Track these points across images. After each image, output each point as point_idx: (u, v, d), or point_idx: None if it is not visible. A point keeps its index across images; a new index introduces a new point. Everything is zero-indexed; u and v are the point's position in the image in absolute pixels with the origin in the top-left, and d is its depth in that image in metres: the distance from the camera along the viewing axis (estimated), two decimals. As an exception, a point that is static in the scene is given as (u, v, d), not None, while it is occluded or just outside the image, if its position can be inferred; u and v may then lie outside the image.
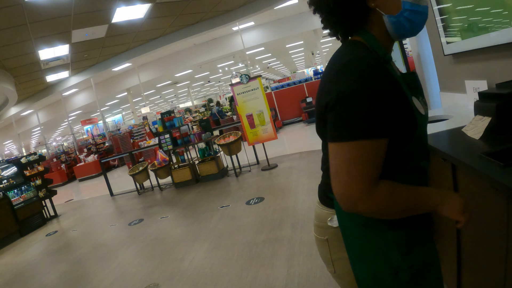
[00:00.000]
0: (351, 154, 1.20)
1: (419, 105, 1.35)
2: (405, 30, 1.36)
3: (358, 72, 1.21)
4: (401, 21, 1.33)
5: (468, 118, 2.52)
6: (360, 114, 1.18)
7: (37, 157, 11.58)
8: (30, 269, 6.51)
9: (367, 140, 1.19)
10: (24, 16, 8.16)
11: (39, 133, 34.05)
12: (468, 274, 2.29)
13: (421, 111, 1.33)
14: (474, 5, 2.84)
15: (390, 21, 1.34)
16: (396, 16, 1.33)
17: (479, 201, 1.90)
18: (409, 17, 1.32)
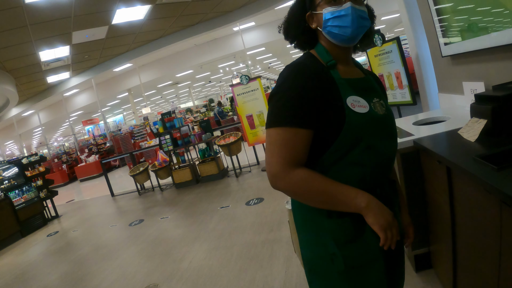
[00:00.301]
0: (273, 138, 1.43)
1: (362, 104, 1.47)
2: (338, 36, 1.51)
3: (287, 75, 1.47)
4: (330, 30, 1.51)
5: (465, 119, 2.53)
6: (281, 107, 1.42)
7: (38, 158, 11.59)
8: (31, 269, 6.52)
9: (285, 127, 1.40)
10: (24, 18, 8.18)
11: (40, 134, 34.08)
12: (464, 275, 2.30)
13: (359, 110, 1.45)
14: (472, 6, 2.85)
15: (325, 33, 1.55)
16: (324, 27, 1.52)
17: (473, 204, 1.92)
18: (334, 23, 1.49)
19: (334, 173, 1.47)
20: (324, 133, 1.44)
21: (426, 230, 3.00)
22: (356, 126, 1.43)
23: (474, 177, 1.73)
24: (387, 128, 1.56)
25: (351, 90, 1.48)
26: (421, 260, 3.17)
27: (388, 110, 1.59)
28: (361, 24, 1.51)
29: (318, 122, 1.43)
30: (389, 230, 1.37)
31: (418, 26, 5.26)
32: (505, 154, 1.85)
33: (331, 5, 1.48)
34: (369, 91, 1.57)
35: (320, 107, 1.42)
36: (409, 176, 2.89)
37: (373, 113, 1.49)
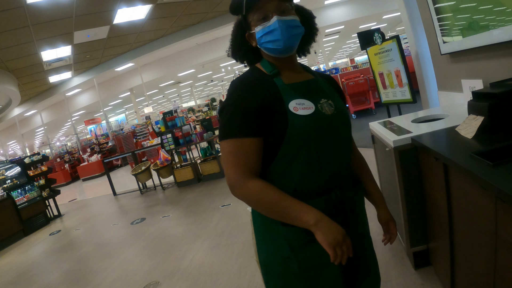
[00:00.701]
0: (225, 150, 1.52)
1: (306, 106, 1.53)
2: (274, 50, 1.59)
3: (232, 90, 1.57)
4: (265, 46, 1.60)
5: (464, 117, 2.53)
6: (229, 120, 1.51)
7: (41, 157, 11.64)
8: (34, 267, 6.56)
9: (234, 139, 1.49)
10: (26, 18, 8.22)
11: (42, 133, 34.13)
12: (461, 272, 2.31)
13: (303, 112, 1.51)
14: (470, 4, 2.87)
15: (263, 50, 1.64)
16: (260, 44, 1.62)
17: (470, 201, 1.93)
18: (266, 39, 1.57)
19: (284, 179, 1.54)
20: (272, 139, 1.51)
21: (424, 227, 3.01)
22: (300, 128, 1.48)
23: (470, 173, 1.75)
24: (336, 127, 1.60)
25: (294, 94, 1.55)
26: (420, 257, 3.18)
27: (338, 109, 1.62)
28: (292, 33, 1.56)
29: (265, 129, 1.50)
30: (339, 248, 1.38)
31: (417, 25, 5.27)
32: (501, 151, 1.86)
33: (260, 22, 1.57)
34: (316, 92, 1.62)
35: (265, 115, 1.49)
36: (407, 173, 2.90)
37: (319, 113, 1.54)
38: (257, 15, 1.57)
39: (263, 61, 1.66)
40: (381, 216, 1.88)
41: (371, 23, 23.04)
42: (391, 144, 2.88)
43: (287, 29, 1.54)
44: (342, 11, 18.02)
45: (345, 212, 1.60)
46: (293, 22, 1.57)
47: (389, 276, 3.26)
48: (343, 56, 45.92)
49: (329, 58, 37.71)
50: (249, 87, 1.54)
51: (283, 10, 1.55)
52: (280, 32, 1.52)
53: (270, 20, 1.54)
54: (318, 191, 1.54)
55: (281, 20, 1.52)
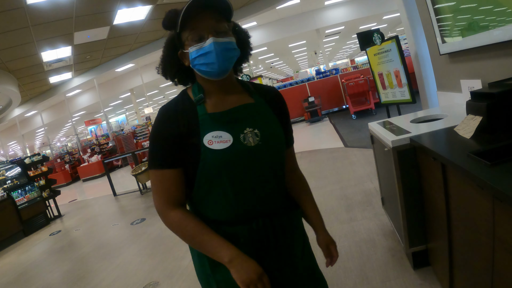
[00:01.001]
0: (151, 179, 1.56)
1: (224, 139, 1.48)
2: (207, 72, 1.50)
3: (155, 119, 1.57)
4: (199, 68, 1.51)
5: (463, 117, 2.54)
6: (151, 151, 1.54)
7: (41, 158, 11.66)
8: (34, 267, 6.58)
9: (155, 170, 1.52)
10: (26, 19, 8.23)
11: (43, 134, 34.17)
12: (460, 272, 2.32)
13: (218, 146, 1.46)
14: (470, 5, 2.88)
15: (196, 70, 1.55)
16: (193, 65, 1.52)
17: (467, 200, 1.94)
18: (200, 62, 1.48)
19: (204, 208, 1.57)
20: (187, 169, 1.53)
21: (423, 227, 3.01)
22: (213, 162, 1.46)
23: (467, 173, 1.75)
24: (260, 158, 1.54)
25: (214, 125, 1.49)
26: (418, 257, 3.18)
27: (265, 138, 1.55)
28: (228, 56, 1.49)
29: (182, 160, 1.51)
30: (253, 286, 1.40)
31: (417, 25, 5.28)
32: (498, 151, 1.87)
33: (195, 43, 1.47)
34: (241, 121, 1.54)
35: (181, 146, 1.49)
36: (405, 173, 2.91)
37: (238, 146, 1.49)
38: (192, 35, 1.48)
39: (194, 86, 1.60)
40: (321, 240, 1.81)
41: (371, 23, 23.09)
42: (390, 144, 2.89)
43: (222, 52, 1.46)
44: (342, 12, 18.07)
45: (275, 239, 1.60)
46: (230, 44, 1.50)
47: (388, 276, 3.27)
48: (343, 57, 45.97)
49: (329, 58, 37.74)
50: (168, 117, 1.51)
51: (219, 31, 1.48)
52: (215, 55, 1.45)
53: (205, 42, 1.45)
54: (239, 220, 1.54)
55: (217, 43, 1.45)
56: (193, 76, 1.63)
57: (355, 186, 5.89)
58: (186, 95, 1.59)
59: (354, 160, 7.52)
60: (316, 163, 8.27)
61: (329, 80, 16.81)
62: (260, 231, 1.55)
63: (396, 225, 3.46)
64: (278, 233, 1.61)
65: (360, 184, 5.89)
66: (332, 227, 4.64)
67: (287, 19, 17.84)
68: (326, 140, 11.17)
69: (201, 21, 1.45)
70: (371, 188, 5.55)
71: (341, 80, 16.17)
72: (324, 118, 15.95)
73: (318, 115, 15.66)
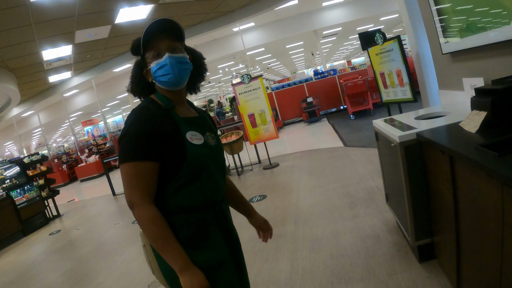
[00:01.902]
0: (124, 173, 1.66)
1: (198, 137, 1.80)
2: (166, 82, 1.80)
3: (133, 119, 1.71)
4: (159, 79, 1.80)
5: (465, 114, 2.61)
6: (129, 146, 1.66)
7: (40, 157, 11.64)
8: (35, 267, 6.59)
9: (132, 162, 1.64)
10: (29, 17, 8.23)
11: (39, 135, 34.10)
12: (467, 262, 2.36)
13: (196, 142, 1.77)
14: (472, 5, 2.94)
15: (157, 83, 1.84)
16: (155, 78, 1.82)
17: (476, 190, 1.99)
18: (159, 73, 1.78)
19: (176, 199, 1.73)
20: (170, 163, 1.70)
21: (429, 221, 3.08)
22: (196, 154, 1.74)
23: (476, 163, 1.82)
24: (218, 156, 1.92)
25: (188, 126, 1.80)
26: (424, 251, 3.24)
27: (218, 141, 1.96)
28: (182, 68, 1.80)
29: (163, 155, 1.69)
30: None
31: (418, 25, 5.34)
32: (505, 143, 1.93)
33: (155, 59, 1.78)
34: (203, 126, 1.90)
35: (164, 142, 1.69)
36: (412, 168, 2.97)
37: (208, 144, 1.84)
38: (152, 53, 1.79)
39: (158, 95, 1.85)
40: (257, 218, 2.29)
41: (369, 25, 23.15)
42: (397, 139, 2.95)
43: (177, 64, 1.77)
44: (340, 13, 18.13)
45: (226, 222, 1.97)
46: (183, 58, 1.82)
47: (394, 270, 3.32)
48: (340, 58, 46.03)
49: (326, 59, 37.79)
50: (149, 115, 1.71)
51: (174, 48, 1.79)
52: (170, 67, 1.76)
53: (162, 57, 1.77)
54: (206, 205, 1.81)
55: (172, 57, 1.77)
56: (152, 91, 1.91)
57: (357, 184, 5.94)
58: (155, 102, 1.82)
59: (355, 159, 7.58)
60: (317, 162, 8.32)
61: (327, 80, 16.90)
62: (220, 214, 1.90)
63: (401, 219, 3.52)
64: (227, 217, 1.99)
65: (362, 182, 5.94)
66: (336, 223, 4.69)
67: (285, 20, 17.89)
68: (325, 140, 11.21)
69: (159, 41, 1.79)
70: (373, 185, 5.60)
71: (339, 80, 16.25)
72: (322, 118, 16.02)
73: (316, 116, 15.73)
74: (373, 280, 3.26)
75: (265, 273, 3.95)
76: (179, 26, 1.82)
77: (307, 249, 4.24)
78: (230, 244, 1.96)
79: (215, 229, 1.83)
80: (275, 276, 3.83)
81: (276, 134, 9.34)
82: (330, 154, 8.81)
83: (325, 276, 3.55)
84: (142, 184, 1.64)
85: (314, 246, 4.25)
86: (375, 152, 7.13)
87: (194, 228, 1.73)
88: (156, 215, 1.62)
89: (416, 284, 3.02)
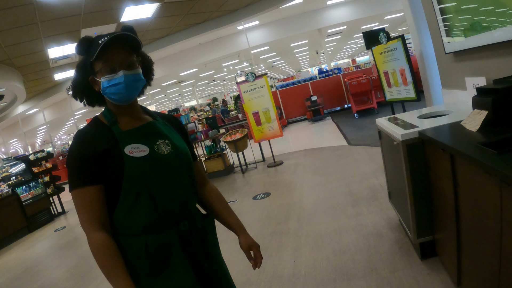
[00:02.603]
0: (74, 201, 1.61)
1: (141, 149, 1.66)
2: (117, 100, 1.70)
3: (71, 145, 1.65)
4: (109, 96, 1.69)
5: (467, 113, 2.64)
6: (70, 173, 1.60)
7: (45, 154, 11.67)
8: (40, 263, 6.67)
9: (77, 189, 1.58)
10: (35, 15, 8.28)
11: (44, 132, 34.17)
12: (467, 259, 2.41)
13: (138, 154, 1.63)
14: (475, 5, 2.97)
15: (106, 97, 1.72)
16: (104, 93, 1.69)
17: (475, 187, 2.04)
18: (111, 91, 1.66)
19: (130, 221, 1.64)
20: (112, 183, 1.61)
21: (430, 218, 3.11)
22: (136, 167, 1.60)
23: (476, 161, 1.86)
24: (174, 164, 1.74)
25: (130, 139, 1.66)
26: (426, 248, 3.28)
27: (175, 147, 1.77)
28: (135, 86, 1.70)
29: (104, 175, 1.60)
30: None
31: (422, 25, 5.37)
32: (504, 142, 1.97)
33: (107, 73, 1.63)
34: (152, 135, 1.74)
35: (102, 161, 1.59)
36: (414, 166, 3.02)
37: (155, 154, 1.68)
38: (104, 66, 1.63)
39: (104, 111, 1.76)
40: (243, 242, 1.95)
41: (373, 23, 23.12)
42: (399, 138, 2.99)
43: (131, 83, 1.66)
44: (344, 12, 18.11)
45: (196, 243, 1.77)
46: (137, 76, 1.69)
47: (396, 266, 3.36)
48: (345, 57, 45.96)
49: (331, 58, 37.76)
50: (85, 139, 1.64)
51: (129, 64, 1.66)
52: (124, 86, 1.64)
53: (116, 73, 1.63)
54: (166, 224, 1.68)
55: (127, 75, 1.64)
56: (101, 100, 1.80)
57: (360, 182, 5.97)
58: (99, 120, 1.73)
59: (358, 157, 7.61)
60: (320, 160, 8.36)
61: (332, 79, 16.91)
62: (186, 232, 1.73)
63: (403, 217, 3.55)
64: (201, 236, 1.81)
65: (365, 181, 5.97)
66: (339, 221, 4.73)
67: (290, 19, 17.89)
68: (329, 138, 11.24)
69: (114, 54, 1.63)
70: (376, 184, 5.64)
71: (344, 79, 16.25)
72: (327, 117, 16.04)
73: (320, 114, 15.75)
74: (375, 277, 3.30)
75: (269, 269, 3.99)
76: (137, 38, 1.69)
77: (310, 246, 4.28)
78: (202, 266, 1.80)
79: (179, 252, 1.69)
80: (278, 272, 3.87)
81: (281, 132, 9.38)
82: (334, 152, 8.84)
83: (328, 273, 3.59)
84: (88, 210, 1.57)
85: (317, 243, 4.29)
86: (378, 151, 7.15)
87: (153, 251, 1.62)
88: (102, 243, 1.55)
89: (418, 281, 3.06)
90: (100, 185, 1.60)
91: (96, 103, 1.82)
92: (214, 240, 1.93)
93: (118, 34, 1.60)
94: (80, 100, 1.80)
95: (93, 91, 1.74)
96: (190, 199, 1.81)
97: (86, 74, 1.71)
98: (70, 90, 1.82)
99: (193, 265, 1.74)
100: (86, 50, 1.67)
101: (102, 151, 1.59)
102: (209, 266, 1.83)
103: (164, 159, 1.69)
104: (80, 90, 1.75)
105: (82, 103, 1.81)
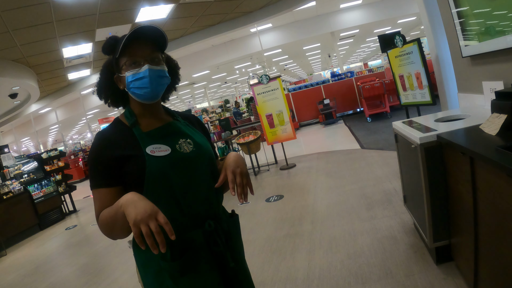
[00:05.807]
0: (93, 198, 1.63)
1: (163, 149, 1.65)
2: (141, 96, 1.68)
3: (92, 145, 1.66)
4: (134, 91, 1.68)
5: (485, 117, 2.63)
6: (91, 174, 1.62)
7: (58, 153, 11.75)
8: (51, 260, 6.73)
9: (96, 189, 1.61)
10: (51, 14, 8.35)
11: (56, 131, 34.37)
12: (485, 263, 2.38)
13: (159, 154, 1.63)
14: (492, 8, 2.95)
15: (131, 94, 1.72)
16: (128, 89, 1.69)
17: (496, 191, 2.02)
18: (135, 85, 1.65)
19: None
20: (134, 183, 1.59)
21: (447, 222, 3.09)
22: (158, 167, 1.59)
23: (497, 164, 1.84)
24: (197, 162, 1.72)
25: (151, 140, 1.65)
26: (441, 252, 3.26)
27: (197, 145, 1.76)
28: (160, 82, 1.69)
29: (124, 177, 1.61)
30: (143, 225, 1.34)
31: (438, 28, 5.34)
32: (526, 146, 1.96)
33: (132, 68, 1.64)
34: (173, 134, 1.74)
35: (120, 165, 1.59)
36: (432, 169, 2.99)
37: (177, 153, 1.67)
38: (129, 61, 1.64)
39: (126, 111, 1.76)
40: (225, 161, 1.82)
41: (386, 27, 23.07)
42: (418, 141, 2.98)
43: (156, 79, 1.66)
44: (357, 15, 18.08)
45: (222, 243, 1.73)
46: (162, 72, 1.70)
47: (411, 271, 3.34)
48: (357, 60, 45.85)
49: (343, 62, 37.69)
50: (105, 141, 1.64)
51: (154, 59, 1.67)
52: (148, 81, 1.63)
53: (141, 68, 1.63)
54: (192, 224, 1.67)
55: (152, 69, 1.64)
56: (125, 99, 1.81)
57: (374, 186, 5.94)
58: (120, 121, 1.74)
59: (372, 161, 7.57)
60: (333, 164, 8.33)
61: (344, 83, 16.90)
62: (212, 232, 1.70)
63: (419, 221, 3.53)
64: (226, 236, 1.78)
65: (379, 184, 5.94)
66: (353, 224, 4.71)
67: (302, 22, 17.89)
68: (342, 141, 11.21)
69: (138, 49, 1.64)
70: (390, 188, 5.60)
71: (356, 83, 16.22)
72: (339, 120, 16.00)
73: (333, 118, 15.71)
74: (390, 281, 3.28)
75: (282, 271, 3.99)
76: (164, 34, 1.69)
77: (324, 248, 4.27)
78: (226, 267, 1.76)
79: (204, 252, 1.67)
80: (292, 275, 3.86)
81: (294, 135, 9.38)
82: (346, 156, 8.81)
83: (343, 276, 3.58)
84: (102, 206, 1.59)
85: (332, 246, 4.28)
86: (392, 155, 7.14)
87: (178, 252, 1.60)
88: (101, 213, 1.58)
89: (433, 286, 3.04)
90: (118, 187, 1.61)
91: (120, 102, 1.82)
92: (239, 240, 1.91)
93: (144, 26, 1.60)
94: (104, 101, 1.80)
95: (118, 90, 1.76)
96: (214, 198, 1.78)
97: (111, 73, 1.74)
98: (94, 91, 1.83)
99: (219, 265, 1.73)
100: (112, 49, 1.69)
101: (121, 154, 1.60)
102: (234, 267, 1.79)
103: (186, 158, 1.68)
104: (105, 89, 1.77)
105: (106, 103, 1.82)
